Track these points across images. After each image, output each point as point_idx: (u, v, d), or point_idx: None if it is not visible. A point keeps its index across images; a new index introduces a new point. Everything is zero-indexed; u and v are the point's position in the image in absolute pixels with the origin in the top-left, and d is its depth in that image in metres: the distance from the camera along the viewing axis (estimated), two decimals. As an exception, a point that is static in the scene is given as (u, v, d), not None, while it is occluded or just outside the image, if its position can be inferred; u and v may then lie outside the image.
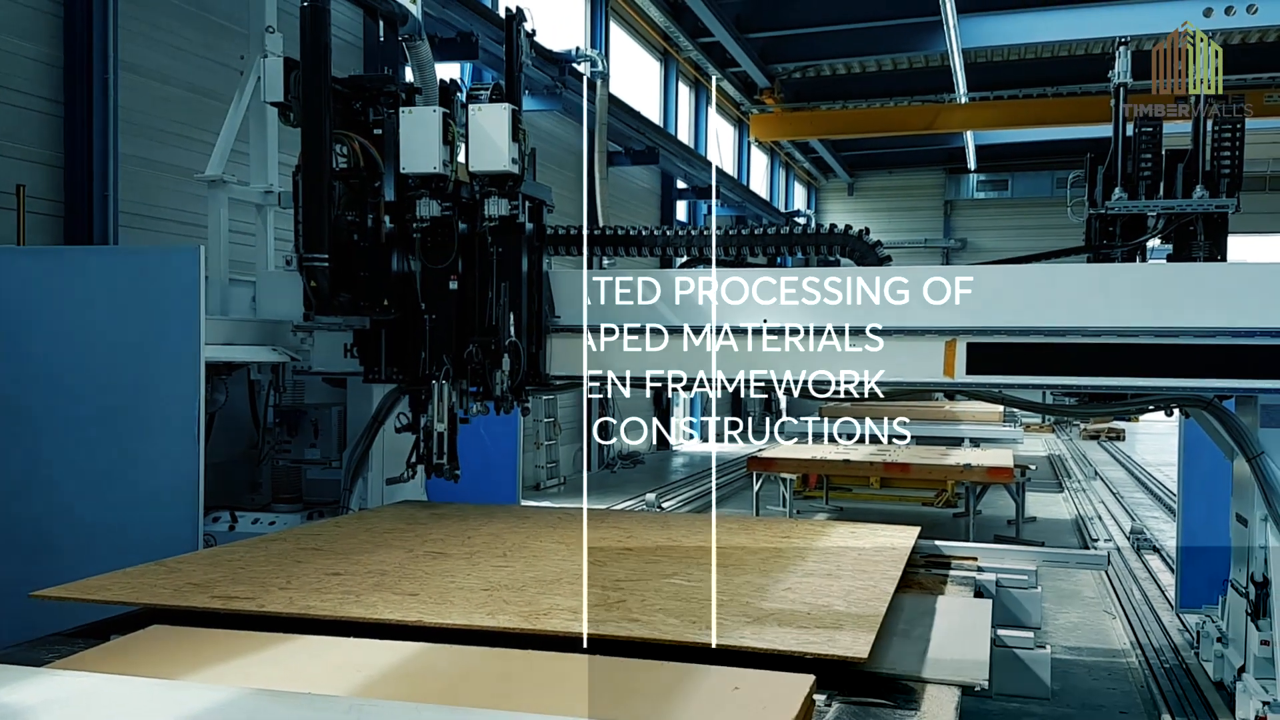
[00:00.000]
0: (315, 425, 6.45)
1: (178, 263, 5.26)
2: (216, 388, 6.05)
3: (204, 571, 4.02)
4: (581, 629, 3.27)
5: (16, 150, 7.77)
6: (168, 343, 5.18)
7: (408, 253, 5.27)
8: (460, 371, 5.38)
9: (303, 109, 4.82)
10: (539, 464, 16.56)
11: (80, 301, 5.30)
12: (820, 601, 3.64)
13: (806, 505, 13.35)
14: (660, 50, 22.49)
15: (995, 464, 11.55)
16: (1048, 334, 5.06)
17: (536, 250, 5.59)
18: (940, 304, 5.14)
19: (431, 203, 5.20)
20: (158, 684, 2.80)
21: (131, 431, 5.21)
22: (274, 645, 3.23)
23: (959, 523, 11.80)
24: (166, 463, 5.15)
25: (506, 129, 5.15)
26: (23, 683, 2.76)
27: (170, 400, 5.15)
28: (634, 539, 4.87)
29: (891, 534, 5.07)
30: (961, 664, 3.27)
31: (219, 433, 6.27)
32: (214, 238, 6.51)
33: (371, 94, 5.19)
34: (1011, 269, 5.46)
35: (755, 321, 5.31)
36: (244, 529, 5.94)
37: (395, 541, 4.70)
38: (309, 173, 4.83)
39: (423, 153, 5.13)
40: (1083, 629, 8.04)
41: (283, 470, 6.51)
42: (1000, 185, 34.31)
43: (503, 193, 5.30)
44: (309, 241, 4.83)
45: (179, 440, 5.13)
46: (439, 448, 5.44)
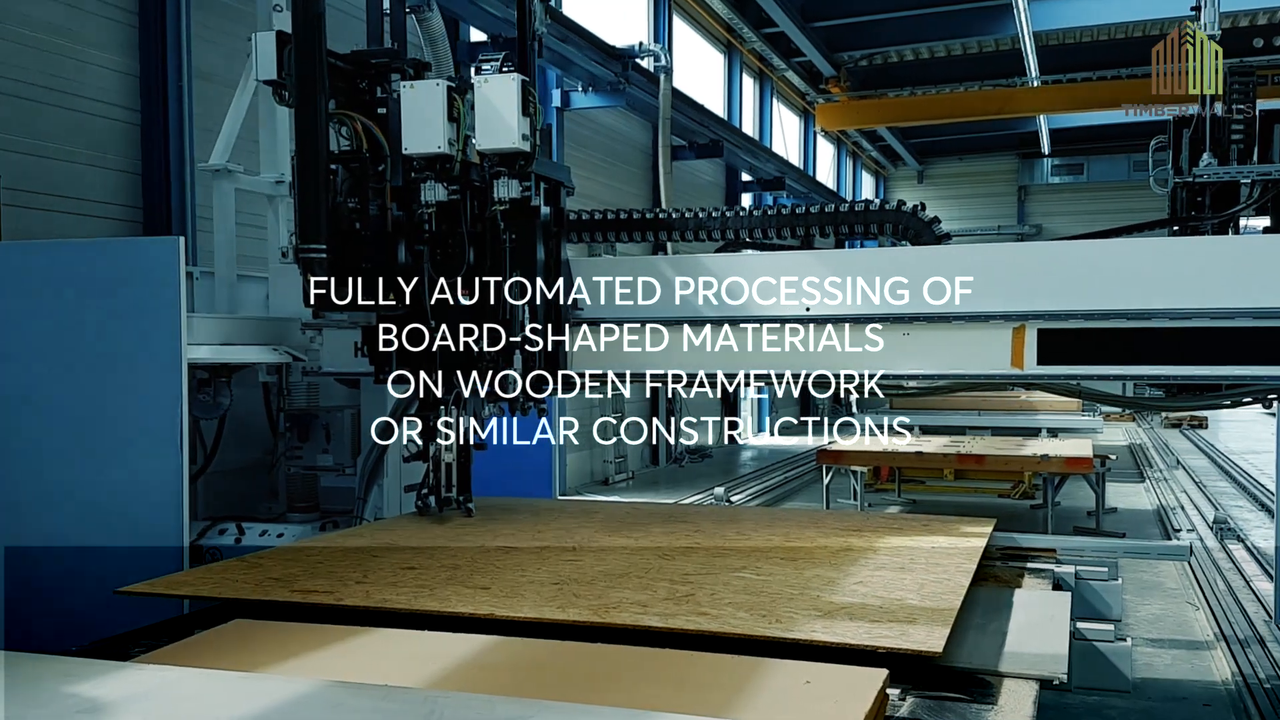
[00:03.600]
0: (327, 429, 6.06)
1: (156, 255, 4.83)
2: (220, 391, 5.71)
3: (283, 566, 4.10)
4: (650, 622, 3.27)
5: (96, 158, 7.99)
6: (147, 343, 4.78)
7: (415, 242, 4.82)
8: (468, 378, 4.89)
9: (295, 85, 4.40)
10: (607, 459, 16.62)
11: (49, 299, 4.93)
12: (893, 595, 3.59)
13: (878, 498, 13.25)
14: (723, 42, 22.39)
15: (1073, 454, 11.33)
16: (1131, 317, 4.53)
17: (554, 236, 5.09)
18: (1006, 286, 4.67)
19: (437, 186, 4.75)
20: (240, 677, 2.86)
21: (107, 440, 4.84)
22: (351, 638, 3.28)
23: (1037, 514, 11.60)
24: (147, 474, 4.76)
25: (515, 102, 4.60)
26: (109, 676, 2.83)
27: (150, 406, 4.76)
28: (702, 533, 4.86)
29: (966, 527, 4.99)
30: (1040, 657, 3.21)
31: (231, 438, 6.01)
32: (220, 231, 6.25)
33: (378, 70, 4.78)
34: (1088, 244, 4.88)
35: (796, 310, 4.91)
36: (251, 541, 5.52)
37: (467, 536, 4.75)
38: (302, 156, 4.39)
39: (426, 131, 4.65)
40: (1165, 621, 7.85)
41: (297, 477, 6.14)
42: (1075, 169, 33.58)
43: (513, 173, 4.76)
44: (304, 231, 4.40)
45: (160, 449, 4.73)
46: (448, 479, 5.07)
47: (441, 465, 5.03)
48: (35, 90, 7.47)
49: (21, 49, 7.44)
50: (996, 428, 15.84)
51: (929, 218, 5.17)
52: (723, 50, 22.56)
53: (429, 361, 4.90)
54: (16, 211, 7.15)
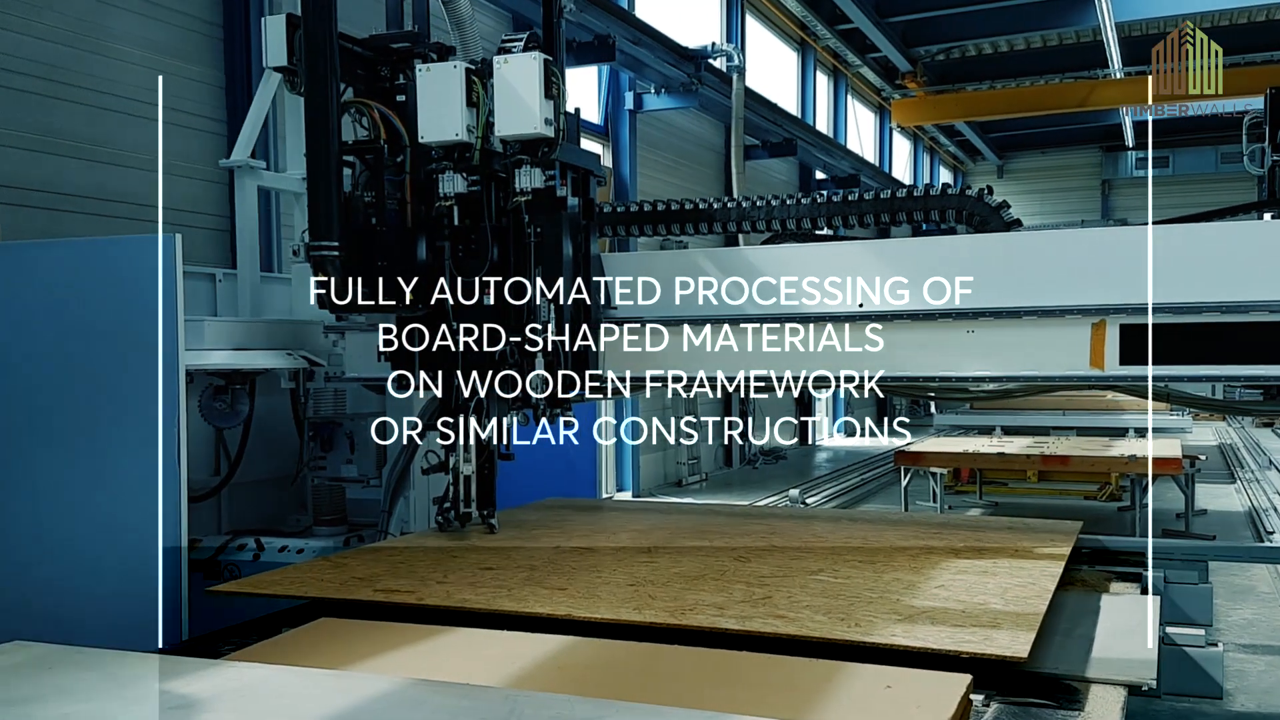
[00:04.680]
0: (351, 439, 5.69)
1: (151, 254, 4.44)
2: (238, 398, 5.42)
3: (367, 566, 4.18)
4: (727, 624, 3.26)
5: (185, 169, 8.21)
6: (139, 349, 4.44)
7: (435, 238, 4.52)
8: (493, 383, 4.56)
9: (305, 71, 4.12)
10: (680, 460, 16.62)
11: (44, 302, 4.64)
12: (975, 599, 3.54)
13: (959, 501, 13.04)
14: (797, 40, 22.26)
15: (1162, 455, 11.03)
16: (1225, 310, 4.00)
17: (582, 229, 4.71)
18: (1083, 277, 4.17)
19: (456, 177, 4.42)
20: (326, 674, 2.93)
21: (103, 451, 4.52)
22: (432, 637, 3.33)
23: (1124, 517, 11.33)
24: (144, 487, 4.42)
25: (538, 84, 4.22)
26: (201, 674, 2.91)
27: (146, 415, 4.41)
28: (778, 535, 4.83)
29: (1051, 529, 4.89)
30: (1127, 663, 3.14)
31: (260, 448, 5.75)
32: (242, 230, 5.91)
33: (400, 56, 4.48)
34: (1177, 228, 4.31)
35: (849, 307, 4.49)
36: (270, 558, 5.19)
37: (544, 537, 4.79)
38: (313, 147, 4.13)
39: (443, 117, 4.32)
40: (1258, 626, 7.60)
41: (324, 489, 5.77)
42: (1161, 162, 32.69)
43: (536, 161, 4.37)
44: (315, 228, 4.14)
45: (156, 461, 4.39)
46: (467, 493, 4.70)
47: (460, 477, 4.70)
48: (128, 104, 7.69)
49: (121, 65, 7.68)
50: (1082, 428, 15.48)
51: (996, 202, 4.64)
52: (796, 48, 22.42)
53: (446, 364, 4.62)
54: (104, 220, 7.40)
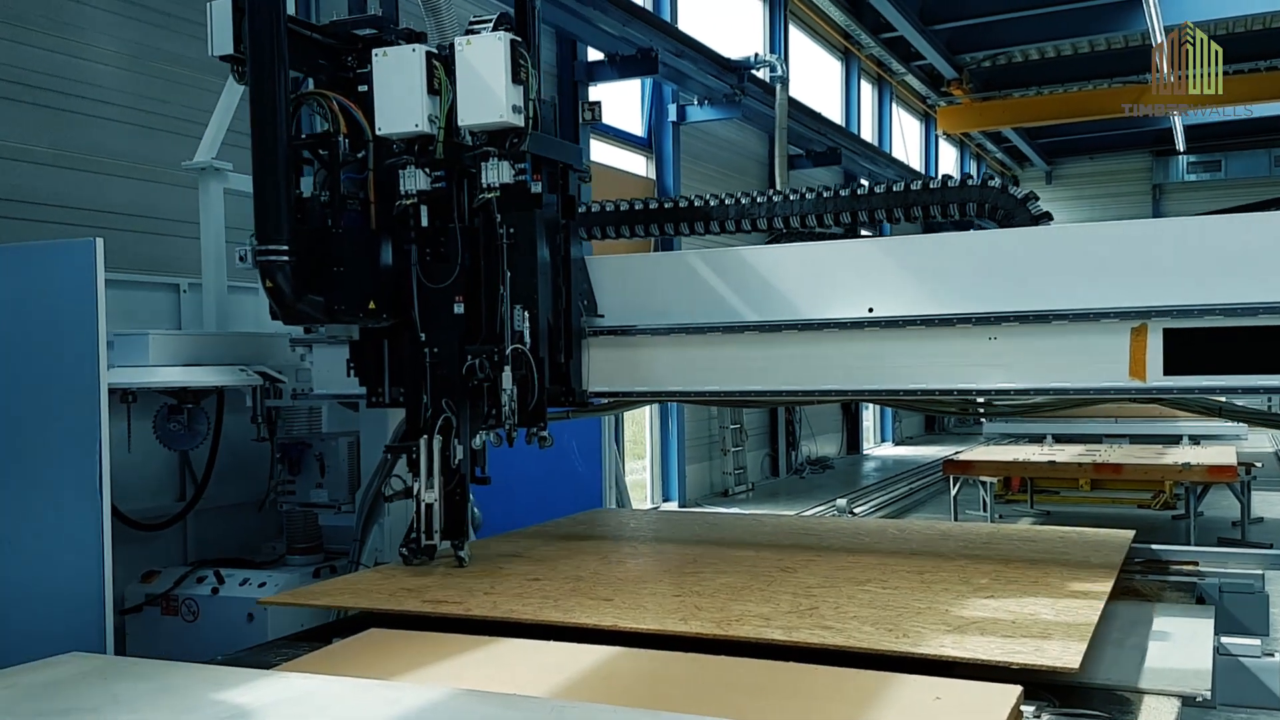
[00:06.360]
0: (321, 461, 5.19)
1: (70, 261, 4.02)
2: (196, 418, 4.97)
3: (416, 578, 4.22)
4: (774, 635, 3.25)
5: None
6: (62, 365, 4.02)
7: (400, 240, 4.13)
8: (462, 400, 4.13)
9: (249, 59, 3.76)
10: (726, 470, 16.60)
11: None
12: (1026, 610, 3.50)
13: (1009, 509, 12.90)
14: (840, 49, 22.23)
15: (1217, 462, 10.86)
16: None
17: (560, 229, 4.29)
18: (1122, 275, 3.75)
19: (418, 173, 3.99)
20: (375, 684, 2.96)
21: (20, 480, 4.12)
22: (479, 648, 3.35)
23: (1178, 525, 11.17)
24: (65, 520, 4.04)
25: (504, 67, 3.82)
26: (253, 684, 2.96)
27: (70, 438, 4.01)
28: (825, 545, 4.81)
29: (1103, 539, 4.83)
30: (1181, 674, 3.09)
31: (228, 471, 5.36)
32: (207, 236, 5.48)
33: (365, 44, 4.10)
34: (1227, 220, 3.83)
35: (857, 311, 4.11)
36: (230, 592, 4.83)
37: (590, 549, 4.80)
38: (258, 141, 3.77)
39: (402, 106, 3.93)
40: (1320, 638, 7.44)
41: (297, 515, 5.29)
42: (1213, 166, 32.18)
43: (504, 153, 3.94)
44: (263, 231, 3.81)
45: (79, 488, 3.98)
46: (429, 523, 4.18)
47: (421, 505, 4.19)
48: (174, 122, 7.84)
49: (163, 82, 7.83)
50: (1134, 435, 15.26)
51: (1022, 194, 4.26)
52: (840, 57, 22.38)
53: (412, 379, 4.21)
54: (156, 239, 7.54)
